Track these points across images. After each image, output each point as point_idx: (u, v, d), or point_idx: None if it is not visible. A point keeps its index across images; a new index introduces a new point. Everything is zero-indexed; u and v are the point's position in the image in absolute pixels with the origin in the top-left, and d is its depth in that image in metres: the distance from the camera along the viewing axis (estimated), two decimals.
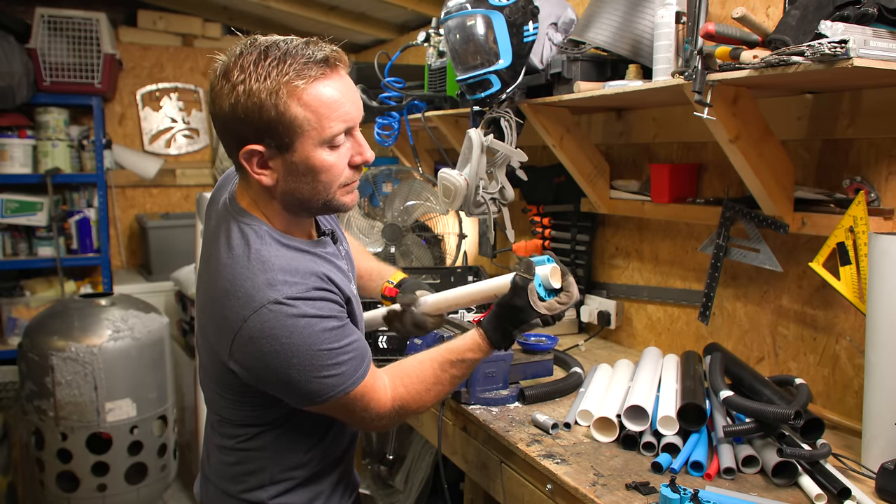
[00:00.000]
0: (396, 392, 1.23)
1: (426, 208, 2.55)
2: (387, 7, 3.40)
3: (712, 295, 1.87)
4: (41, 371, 2.59)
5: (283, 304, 1.05)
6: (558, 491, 1.36)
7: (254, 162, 1.08)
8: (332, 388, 1.11)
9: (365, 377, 1.15)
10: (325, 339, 1.08)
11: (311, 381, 1.09)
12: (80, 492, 2.64)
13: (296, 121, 1.04)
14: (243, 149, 1.06)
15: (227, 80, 1.03)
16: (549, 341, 1.97)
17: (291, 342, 1.05)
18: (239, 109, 1.03)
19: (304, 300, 1.07)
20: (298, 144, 1.06)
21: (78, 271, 3.92)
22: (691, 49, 1.43)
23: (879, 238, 1.32)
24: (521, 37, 1.82)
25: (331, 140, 1.07)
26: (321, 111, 1.05)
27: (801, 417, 1.33)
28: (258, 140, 1.05)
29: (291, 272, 1.09)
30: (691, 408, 1.43)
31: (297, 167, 1.08)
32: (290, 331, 1.05)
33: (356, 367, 1.13)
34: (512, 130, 1.95)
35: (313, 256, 1.17)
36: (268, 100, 1.01)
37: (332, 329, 1.09)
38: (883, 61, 1.21)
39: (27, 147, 3.57)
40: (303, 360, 1.07)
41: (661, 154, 2.12)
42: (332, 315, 1.11)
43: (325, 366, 1.09)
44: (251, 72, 1.01)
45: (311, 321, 1.07)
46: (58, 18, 3.48)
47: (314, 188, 1.11)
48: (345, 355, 1.11)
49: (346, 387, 1.12)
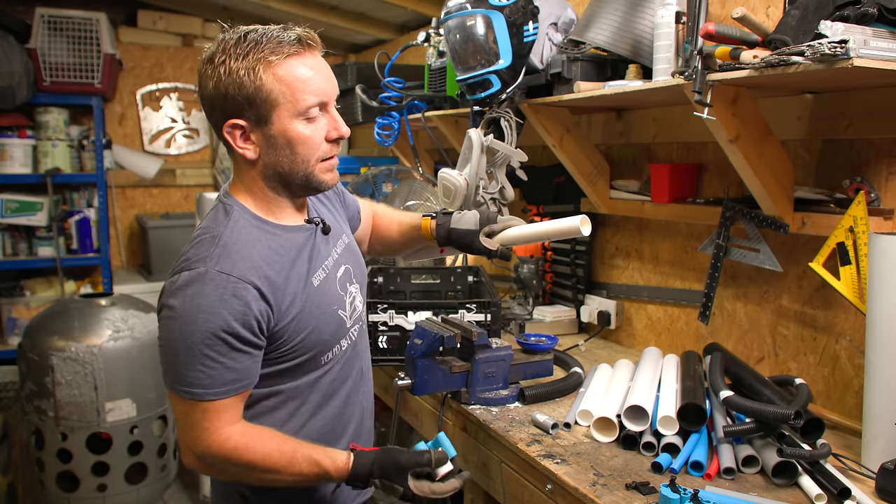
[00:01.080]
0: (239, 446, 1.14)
1: (426, 208, 2.54)
2: (387, 7, 3.40)
3: (712, 295, 1.87)
4: (41, 371, 2.59)
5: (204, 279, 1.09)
6: (558, 491, 1.36)
7: (237, 136, 1.15)
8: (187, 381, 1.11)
9: (216, 400, 1.12)
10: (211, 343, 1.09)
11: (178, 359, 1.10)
12: (80, 492, 2.64)
13: (272, 94, 1.12)
14: (226, 124, 1.14)
15: (211, 63, 1.13)
16: (549, 341, 1.97)
17: (182, 308, 1.09)
18: (221, 87, 1.12)
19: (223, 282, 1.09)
20: (275, 116, 1.13)
21: (78, 271, 3.92)
22: (691, 49, 1.43)
23: (879, 238, 1.32)
24: (521, 37, 1.82)
25: (305, 112, 1.14)
26: (295, 85, 1.13)
27: (801, 417, 1.33)
28: (239, 114, 1.13)
29: (232, 250, 1.13)
30: (691, 408, 1.43)
31: (276, 139, 1.15)
32: (196, 307, 1.08)
33: (213, 383, 1.11)
34: (512, 130, 1.95)
35: (270, 236, 1.19)
36: (246, 76, 1.11)
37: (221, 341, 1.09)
38: (883, 61, 1.21)
39: (27, 147, 3.57)
40: (177, 331, 1.09)
41: (661, 154, 2.12)
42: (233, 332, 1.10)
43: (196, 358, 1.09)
44: (231, 52, 1.11)
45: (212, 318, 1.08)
46: (58, 18, 3.48)
47: (293, 160, 1.17)
48: (211, 361, 1.10)
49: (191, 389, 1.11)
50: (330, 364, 1.30)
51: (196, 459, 1.16)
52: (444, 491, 1.23)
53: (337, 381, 1.33)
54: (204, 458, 1.15)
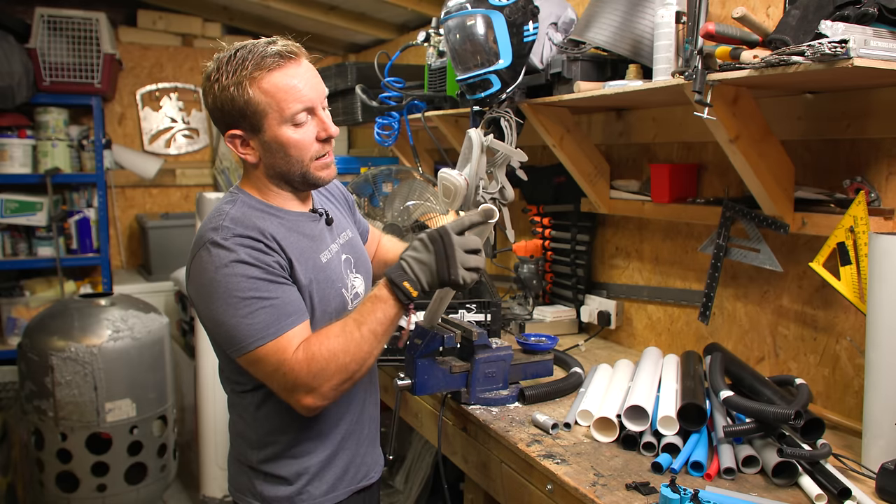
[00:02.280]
0: (313, 354, 1.20)
1: (426, 208, 2.54)
2: (387, 7, 3.40)
3: (712, 295, 1.87)
4: (41, 371, 2.59)
5: (218, 244, 1.19)
6: (558, 491, 1.36)
7: (237, 143, 1.28)
8: (245, 337, 1.18)
9: (279, 335, 1.19)
10: (244, 287, 1.17)
11: (227, 323, 1.18)
12: (79, 492, 2.64)
13: (259, 105, 1.23)
14: (226, 134, 1.27)
15: (209, 80, 1.25)
16: (549, 341, 1.97)
17: (216, 279, 1.18)
18: (217, 102, 1.24)
19: (237, 244, 1.19)
20: (266, 125, 1.24)
21: (78, 271, 3.92)
22: (691, 49, 1.43)
23: (880, 238, 1.32)
24: (521, 37, 1.82)
25: (292, 119, 1.25)
26: (278, 95, 1.23)
27: (802, 417, 1.33)
28: (236, 125, 1.26)
29: (237, 221, 1.23)
30: (691, 408, 1.43)
31: (271, 144, 1.26)
32: (215, 268, 1.18)
33: (270, 322, 1.18)
34: (512, 130, 1.95)
35: (276, 218, 1.29)
36: (235, 91, 1.22)
37: (253, 279, 1.18)
38: (883, 61, 1.21)
39: (27, 147, 3.57)
40: (221, 299, 1.18)
41: (661, 154, 2.12)
42: (258, 265, 1.19)
43: (240, 312, 1.17)
44: (223, 70, 1.23)
45: (235, 266, 1.18)
46: (58, 18, 3.48)
47: (288, 161, 1.28)
48: (260, 306, 1.18)
49: (256, 339, 1.17)
50: None
51: (303, 395, 1.19)
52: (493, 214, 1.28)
53: None
54: (302, 386, 1.18)
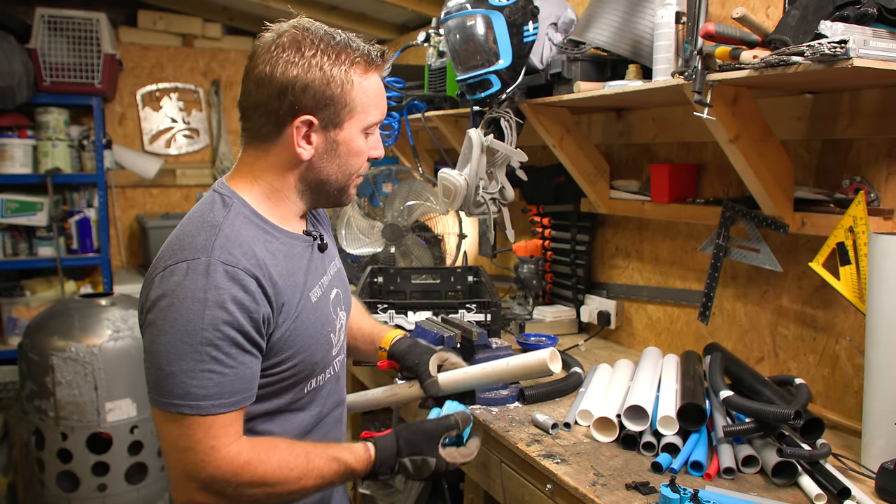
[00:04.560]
0: (251, 459, 1.02)
1: (426, 208, 2.55)
2: (387, 7, 3.40)
3: (712, 295, 1.87)
4: (41, 371, 2.59)
5: (202, 268, 1.00)
6: (558, 491, 1.36)
7: (302, 131, 1.09)
8: (174, 392, 0.97)
9: (222, 413, 0.99)
10: (206, 338, 0.97)
11: (162, 367, 0.98)
12: (80, 492, 2.64)
13: (353, 102, 1.10)
14: (299, 117, 1.08)
15: (299, 51, 1.06)
16: (549, 341, 1.97)
17: (177, 306, 0.98)
18: (308, 78, 1.06)
19: (226, 279, 1.00)
20: (347, 124, 1.11)
21: (78, 271, 3.92)
22: (691, 49, 1.43)
23: (879, 238, 1.32)
24: (521, 37, 1.82)
25: (368, 127, 1.14)
26: (372, 98, 1.13)
27: (801, 417, 1.33)
28: (315, 111, 1.08)
29: (233, 243, 1.04)
30: (691, 408, 1.43)
31: (337, 145, 1.12)
32: (184, 294, 0.98)
33: (212, 394, 0.98)
34: (512, 130, 1.96)
35: (271, 241, 1.11)
36: (336, 76, 1.07)
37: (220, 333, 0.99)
38: (883, 61, 1.21)
39: (27, 147, 3.57)
40: (172, 333, 0.97)
41: (661, 154, 2.12)
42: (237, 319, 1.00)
43: (184, 363, 0.97)
44: (323, 48, 1.07)
45: (210, 307, 0.98)
46: (58, 18, 3.48)
47: (342, 170, 1.15)
48: (210, 368, 0.98)
49: (187, 403, 0.97)
50: (310, 397, 1.20)
51: (200, 490, 1.00)
52: (471, 453, 1.18)
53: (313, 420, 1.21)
54: (212, 484, 1.00)
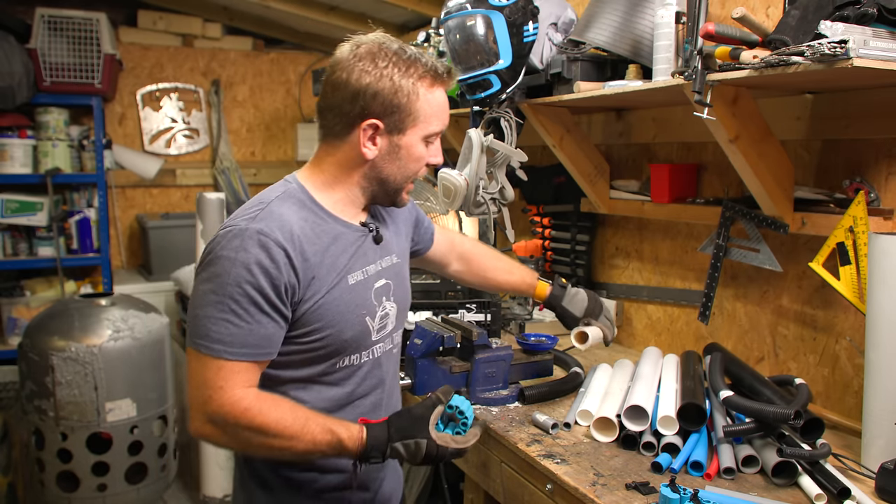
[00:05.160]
0: (252, 407, 1.12)
1: (426, 208, 2.54)
2: (387, 7, 3.40)
3: (712, 295, 1.87)
4: (41, 371, 2.59)
5: (242, 233, 1.13)
6: (558, 491, 1.36)
7: (368, 133, 1.21)
8: (197, 333, 1.12)
9: (234, 360, 1.12)
10: (230, 292, 1.11)
11: (195, 311, 1.14)
12: (80, 492, 2.64)
13: (417, 111, 1.21)
14: (367, 120, 1.20)
15: (373, 62, 1.18)
16: (549, 341, 1.97)
17: (215, 263, 1.13)
18: (378, 86, 1.18)
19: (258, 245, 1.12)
20: (410, 131, 1.23)
21: (78, 271, 3.92)
22: (691, 49, 1.43)
23: (879, 238, 1.32)
24: (521, 37, 1.82)
25: (428, 136, 1.25)
26: (435, 111, 1.24)
27: (801, 417, 1.33)
28: (382, 116, 1.20)
29: (273, 217, 1.16)
30: (691, 408, 1.43)
31: (399, 149, 1.23)
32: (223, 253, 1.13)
33: (235, 342, 1.12)
34: (512, 130, 1.96)
35: (319, 223, 1.21)
36: (404, 87, 1.19)
37: (242, 292, 1.11)
38: (883, 61, 1.21)
39: (27, 147, 3.57)
40: (207, 282, 1.13)
41: (661, 154, 2.12)
42: (260, 282, 1.12)
43: (208, 310, 1.12)
44: (394, 62, 1.19)
45: (237, 268, 1.11)
46: (58, 18, 3.48)
47: (400, 172, 1.26)
48: (229, 319, 1.11)
49: (205, 344, 1.11)
50: (343, 374, 1.26)
51: (205, 422, 1.13)
52: (466, 441, 1.22)
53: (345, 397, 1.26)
54: (214, 419, 1.12)
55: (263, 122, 4.47)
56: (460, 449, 1.21)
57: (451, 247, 1.66)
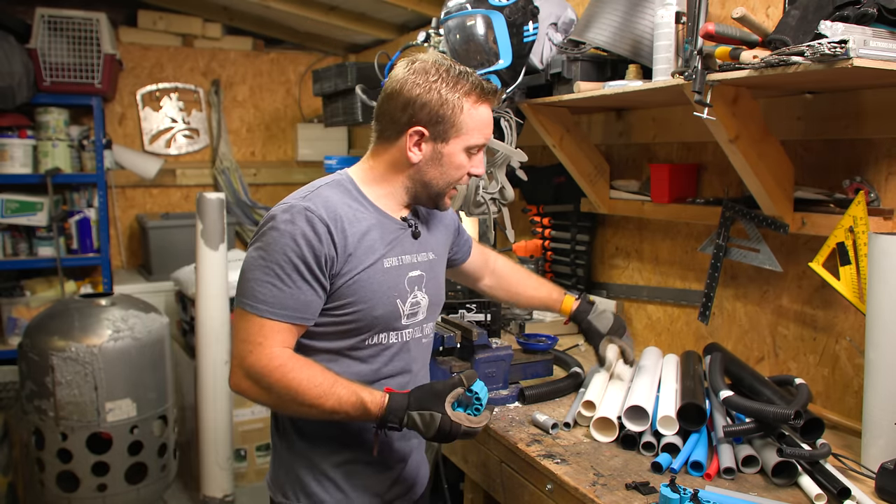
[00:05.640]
0: (286, 364, 1.23)
1: None
2: (387, 7, 3.40)
3: (712, 295, 1.87)
4: (41, 371, 2.59)
5: (291, 209, 1.25)
6: (558, 491, 1.36)
7: (414, 139, 1.32)
8: (244, 292, 1.25)
9: (275, 320, 1.23)
10: (275, 259, 1.24)
11: (244, 272, 1.27)
12: (80, 492, 2.64)
13: (460, 123, 1.32)
14: (414, 127, 1.31)
15: (426, 76, 1.30)
16: (549, 341, 1.97)
17: (266, 233, 1.26)
18: (427, 98, 1.29)
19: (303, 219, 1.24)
20: (452, 140, 1.33)
21: (78, 271, 3.92)
22: (691, 49, 1.43)
23: (879, 238, 1.32)
24: (521, 37, 1.82)
25: (471, 147, 1.35)
26: (477, 125, 1.33)
27: (801, 417, 1.33)
28: (427, 125, 1.31)
29: (320, 199, 1.29)
30: (691, 408, 1.43)
31: (441, 156, 1.33)
32: (272, 224, 1.26)
33: (277, 303, 1.23)
34: (512, 130, 1.96)
35: (362, 210, 1.32)
36: (449, 101, 1.30)
37: (286, 258, 1.24)
38: (883, 61, 1.21)
39: (27, 147, 3.57)
40: (257, 249, 1.26)
41: (661, 154, 2.12)
42: (303, 251, 1.24)
43: (256, 273, 1.24)
44: (444, 77, 1.30)
45: (284, 236, 1.24)
46: (58, 18, 3.48)
47: (442, 177, 1.35)
48: (272, 282, 1.23)
49: (249, 302, 1.24)
50: (371, 351, 1.34)
51: (243, 376, 1.24)
52: (479, 422, 1.27)
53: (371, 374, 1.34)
54: (251, 373, 1.23)
55: (263, 122, 4.47)
56: (472, 429, 1.26)
57: (486, 262, 1.72)
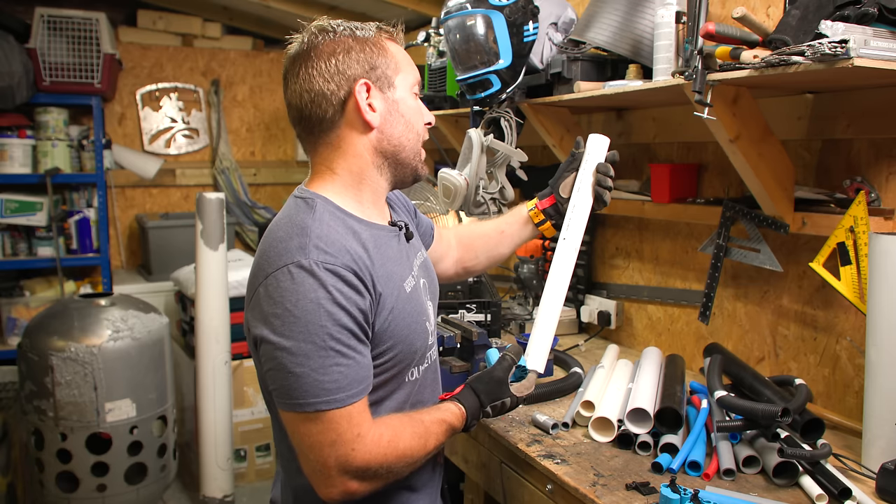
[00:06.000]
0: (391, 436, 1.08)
1: (426, 208, 2.54)
2: (387, 7, 3.40)
3: (712, 295, 1.87)
4: (41, 371, 2.59)
5: (306, 269, 1.03)
6: (558, 491, 1.36)
7: (363, 97, 1.15)
8: (310, 393, 1.01)
9: (357, 402, 1.04)
10: (328, 334, 1.02)
11: (293, 370, 1.01)
12: (79, 492, 2.64)
13: (394, 56, 1.19)
14: (355, 84, 1.14)
15: (330, 32, 1.17)
16: None
17: (295, 313, 1.01)
18: (347, 47, 1.15)
19: (330, 276, 1.03)
20: (397, 81, 1.19)
21: (78, 271, 3.92)
22: (691, 49, 1.43)
23: (880, 238, 1.32)
24: (521, 37, 1.82)
25: (414, 84, 1.22)
26: (402, 58, 1.21)
27: (789, 415, 1.33)
28: (367, 75, 1.15)
29: (326, 241, 1.07)
30: (668, 411, 1.44)
31: (397, 104, 1.18)
32: (296, 298, 1.02)
33: (344, 385, 1.03)
34: (512, 130, 1.95)
35: (361, 234, 1.13)
36: (369, 40, 1.17)
37: (340, 326, 1.03)
38: (883, 61, 1.21)
39: (27, 147, 3.57)
40: (297, 338, 1.01)
41: (661, 154, 2.12)
42: (349, 309, 1.04)
43: (313, 362, 1.01)
44: (351, 26, 1.18)
45: (325, 304, 1.02)
46: (58, 18, 3.48)
47: (409, 130, 1.20)
48: (337, 362, 1.02)
49: (324, 399, 1.01)
50: (410, 387, 1.22)
51: (354, 479, 1.05)
52: (531, 385, 1.29)
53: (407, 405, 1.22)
54: (366, 471, 1.05)
55: (263, 122, 4.47)
56: (527, 396, 1.29)
57: (448, 236, 1.58)
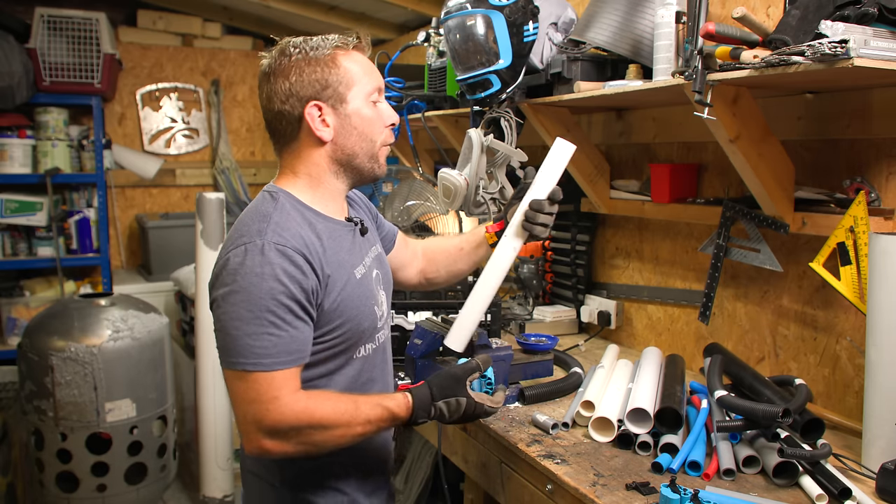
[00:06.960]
0: (308, 405, 1.15)
1: (426, 208, 2.55)
2: (387, 7, 3.40)
3: (712, 295, 1.87)
4: (41, 371, 2.58)
5: (257, 248, 1.15)
6: (558, 491, 1.36)
7: (314, 118, 1.24)
8: (240, 353, 1.13)
9: (283, 369, 1.14)
10: (264, 306, 1.13)
11: (229, 332, 1.14)
12: (79, 492, 2.64)
13: (346, 73, 1.24)
14: (307, 106, 1.23)
15: (285, 58, 1.24)
16: (549, 341, 1.97)
17: (239, 282, 1.14)
18: (300, 73, 1.23)
19: (278, 256, 1.15)
20: (350, 96, 1.25)
21: (78, 271, 3.92)
22: (691, 49, 1.43)
23: (880, 238, 1.32)
24: (521, 37, 1.82)
25: (370, 94, 1.27)
26: (361, 69, 1.26)
27: (790, 415, 1.33)
28: (317, 96, 1.23)
29: (282, 227, 1.19)
30: (668, 411, 1.44)
31: (349, 118, 1.26)
32: (244, 272, 1.14)
33: (280, 352, 1.14)
34: (512, 130, 1.95)
35: (317, 225, 1.24)
36: (321, 61, 1.23)
37: (276, 301, 1.13)
38: (883, 61, 1.21)
39: (27, 147, 3.57)
40: (236, 305, 1.13)
41: (661, 154, 2.12)
42: (290, 288, 1.15)
43: (246, 328, 1.13)
44: (304, 47, 1.24)
45: (266, 280, 1.13)
46: (58, 18, 3.48)
47: (363, 139, 1.27)
48: (268, 331, 1.13)
49: (251, 361, 1.13)
50: (359, 363, 1.31)
51: (267, 437, 1.14)
52: (498, 401, 1.28)
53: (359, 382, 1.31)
54: (277, 430, 1.14)
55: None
56: (494, 408, 1.28)
57: (415, 246, 1.65)
